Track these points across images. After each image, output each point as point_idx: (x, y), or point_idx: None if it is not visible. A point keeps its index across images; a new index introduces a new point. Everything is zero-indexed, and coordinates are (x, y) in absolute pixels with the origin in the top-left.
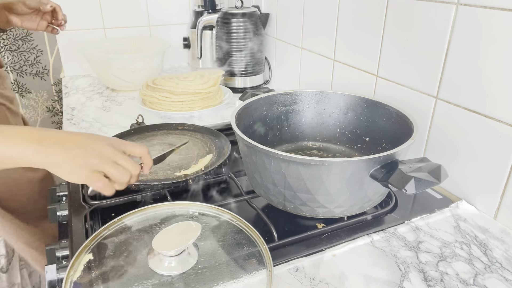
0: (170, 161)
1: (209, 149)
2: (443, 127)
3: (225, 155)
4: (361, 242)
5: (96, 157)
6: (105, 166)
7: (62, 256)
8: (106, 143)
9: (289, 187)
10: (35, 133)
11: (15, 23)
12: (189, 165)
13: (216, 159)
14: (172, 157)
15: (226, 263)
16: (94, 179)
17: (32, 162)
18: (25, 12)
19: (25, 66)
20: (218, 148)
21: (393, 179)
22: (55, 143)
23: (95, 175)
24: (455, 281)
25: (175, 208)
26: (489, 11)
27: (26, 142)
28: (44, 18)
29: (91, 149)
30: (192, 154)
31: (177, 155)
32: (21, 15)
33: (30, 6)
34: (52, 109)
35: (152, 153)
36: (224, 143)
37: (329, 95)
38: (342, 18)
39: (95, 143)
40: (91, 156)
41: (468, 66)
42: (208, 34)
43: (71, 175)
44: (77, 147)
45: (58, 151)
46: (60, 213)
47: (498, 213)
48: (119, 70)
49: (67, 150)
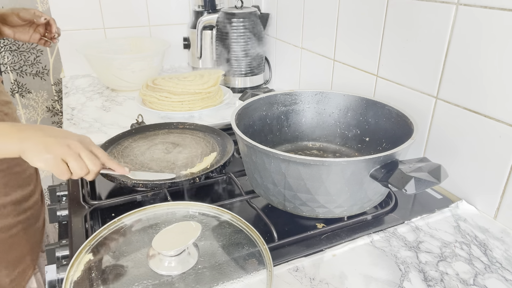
0: (175, 160)
1: (212, 148)
2: (443, 127)
3: (229, 153)
4: (361, 242)
5: (64, 146)
6: (68, 157)
7: (62, 256)
8: (76, 138)
9: (289, 187)
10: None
11: (7, 34)
12: (194, 163)
13: (221, 157)
14: (176, 156)
15: (226, 263)
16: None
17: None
18: (18, 24)
19: (25, 66)
20: (221, 146)
21: (393, 179)
22: (31, 133)
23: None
24: (455, 281)
25: (175, 208)
26: (489, 11)
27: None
28: (37, 30)
29: (61, 139)
30: (196, 153)
31: (180, 154)
32: (14, 27)
33: (24, 18)
34: (52, 109)
35: (155, 152)
36: (227, 141)
37: (329, 95)
38: (342, 18)
39: (66, 136)
40: (59, 145)
41: (468, 66)
42: (208, 34)
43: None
44: (49, 135)
45: (33, 139)
46: (60, 213)
47: (498, 213)
48: (119, 70)
49: (40, 137)
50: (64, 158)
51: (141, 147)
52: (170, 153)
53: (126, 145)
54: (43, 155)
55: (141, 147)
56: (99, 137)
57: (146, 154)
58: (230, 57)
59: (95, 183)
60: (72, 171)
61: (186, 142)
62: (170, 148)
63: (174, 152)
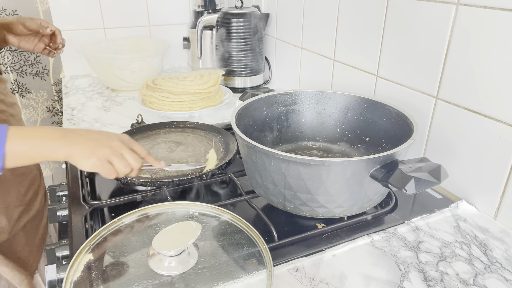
0: (179, 158)
1: (214, 145)
2: (443, 127)
3: (232, 151)
4: (361, 242)
5: (107, 148)
6: (112, 157)
7: (62, 256)
8: (116, 138)
9: (289, 187)
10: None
11: (12, 43)
12: (199, 161)
13: (224, 154)
14: (180, 154)
15: (226, 263)
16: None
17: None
18: (24, 33)
19: (25, 66)
20: (224, 144)
21: (393, 179)
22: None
23: (103, 164)
24: (455, 281)
25: (175, 208)
26: (489, 11)
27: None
28: (42, 40)
29: (104, 141)
30: (200, 150)
31: (184, 152)
32: (19, 36)
33: (30, 28)
34: (52, 109)
35: (159, 151)
36: (229, 139)
37: (329, 95)
38: (342, 18)
39: (107, 137)
40: (103, 147)
41: (468, 66)
42: (208, 34)
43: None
44: (92, 139)
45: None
46: (60, 213)
47: (498, 213)
48: (119, 70)
49: (84, 142)
50: (109, 159)
51: (144, 147)
52: (174, 152)
53: None
54: (90, 159)
55: (144, 146)
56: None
57: (150, 153)
58: (230, 57)
59: (95, 183)
60: (117, 170)
61: (188, 141)
62: (173, 146)
63: (178, 151)
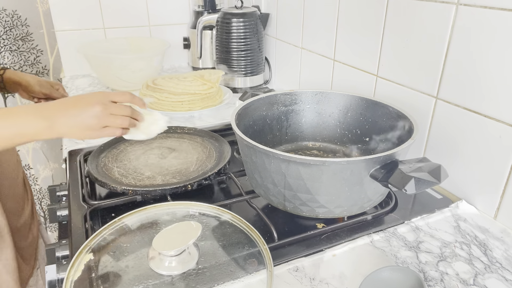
0: (168, 166)
1: (209, 153)
2: (443, 127)
3: (225, 160)
4: (361, 242)
5: (94, 118)
6: (105, 121)
7: (62, 256)
8: (95, 101)
9: (289, 187)
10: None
11: (23, 97)
12: (189, 169)
13: (216, 163)
14: (171, 162)
15: (226, 263)
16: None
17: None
18: (37, 95)
19: (25, 66)
20: (218, 152)
21: (393, 179)
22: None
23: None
24: (455, 281)
25: (175, 208)
26: (489, 11)
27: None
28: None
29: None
30: (192, 159)
31: (176, 159)
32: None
33: (42, 91)
34: None
35: (150, 157)
36: (225, 147)
37: (329, 95)
38: (342, 18)
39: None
40: (89, 119)
41: (468, 66)
42: (208, 34)
43: (82, 137)
44: (75, 115)
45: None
46: (60, 213)
47: (498, 213)
48: (119, 70)
49: (68, 120)
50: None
51: (136, 151)
52: (165, 159)
53: (122, 149)
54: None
55: (137, 151)
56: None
57: (140, 159)
58: (230, 57)
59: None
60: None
61: (182, 147)
62: (165, 153)
63: (169, 158)
